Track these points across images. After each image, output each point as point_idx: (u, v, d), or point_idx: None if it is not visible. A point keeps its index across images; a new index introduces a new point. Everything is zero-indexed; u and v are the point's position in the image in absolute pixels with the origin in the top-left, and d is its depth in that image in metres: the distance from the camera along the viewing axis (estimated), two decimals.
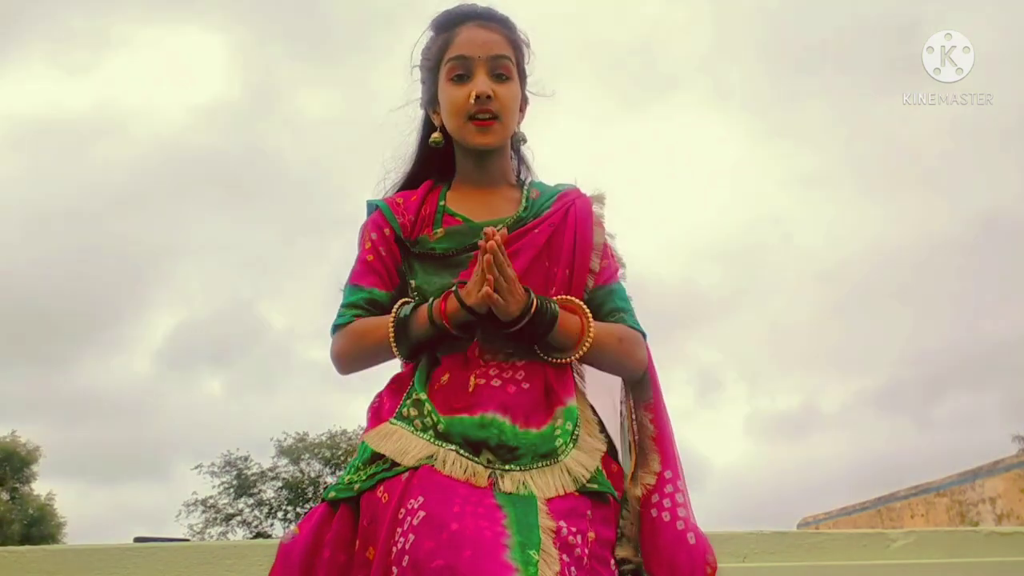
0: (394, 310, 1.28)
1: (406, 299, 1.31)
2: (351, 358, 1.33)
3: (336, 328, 1.34)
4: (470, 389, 1.24)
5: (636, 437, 1.33)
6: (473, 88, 1.34)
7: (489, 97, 1.34)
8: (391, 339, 1.26)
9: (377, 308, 1.33)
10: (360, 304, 1.33)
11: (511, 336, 1.24)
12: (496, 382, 1.25)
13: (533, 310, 1.22)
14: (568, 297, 1.29)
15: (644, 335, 1.36)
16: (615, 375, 1.37)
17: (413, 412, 1.23)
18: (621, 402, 1.37)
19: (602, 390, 1.40)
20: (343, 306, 1.34)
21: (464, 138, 1.38)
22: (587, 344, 1.26)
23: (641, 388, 1.36)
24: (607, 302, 1.35)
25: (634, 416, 1.35)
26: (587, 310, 1.28)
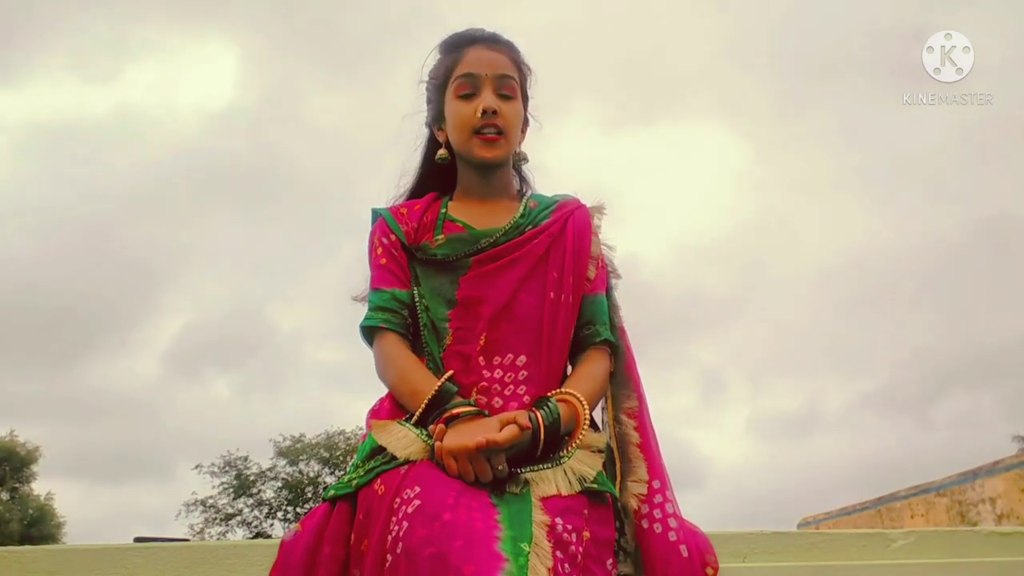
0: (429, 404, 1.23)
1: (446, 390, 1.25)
2: (386, 384, 1.35)
3: (366, 331, 1.37)
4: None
5: (619, 445, 1.34)
6: (480, 103, 1.39)
7: (495, 112, 1.39)
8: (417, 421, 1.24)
9: (401, 306, 1.36)
10: (385, 306, 1.36)
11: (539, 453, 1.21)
12: (498, 401, 1.28)
13: (542, 428, 1.18)
14: (561, 391, 1.27)
15: (613, 346, 1.38)
16: None
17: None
18: (602, 408, 1.38)
19: None
20: (370, 309, 1.37)
21: (470, 152, 1.42)
22: (583, 431, 1.23)
23: (624, 395, 1.37)
24: (585, 313, 1.38)
25: (615, 423, 1.35)
26: (580, 397, 1.25)
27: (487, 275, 1.34)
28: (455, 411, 1.19)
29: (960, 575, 1.89)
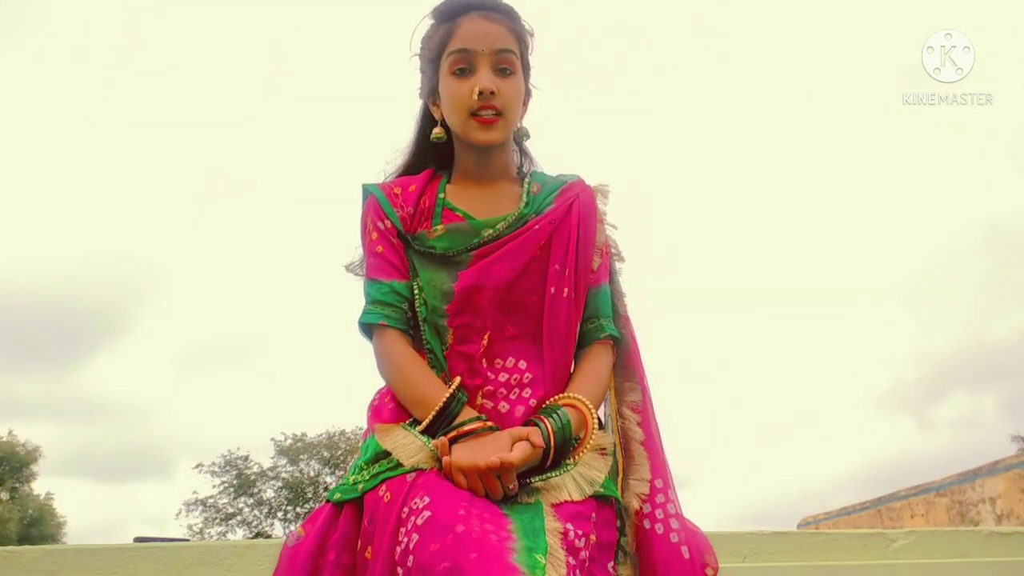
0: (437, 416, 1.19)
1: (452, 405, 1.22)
2: (388, 384, 1.31)
3: (366, 327, 1.31)
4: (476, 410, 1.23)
5: (622, 440, 1.31)
6: (476, 83, 1.30)
7: (492, 93, 1.30)
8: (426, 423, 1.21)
9: (401, 299, 1.30)
10: (385, 300, 1.29)
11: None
12: (504, 405, 1.24)
13: (552, 440, 1.16)
14: (566, 395, 1.24)
15: (616, 340, 1.34)
16: None
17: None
18: (605, 402, 1.34)
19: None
20: (369, 303, 1.31)
21: (467, 134, 1.34)
22: (591, 436, 1.21)
23: (627, 387, 1.34)
24: (588, 307, 1.33)
25: (617, 416, 1.33)
26: (586, 402, 1.22)
27: (487, 271, 1.28)
28: (466, 428, 1.16)
29: (960, 575, 1.89)
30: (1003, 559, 1.94)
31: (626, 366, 1.35)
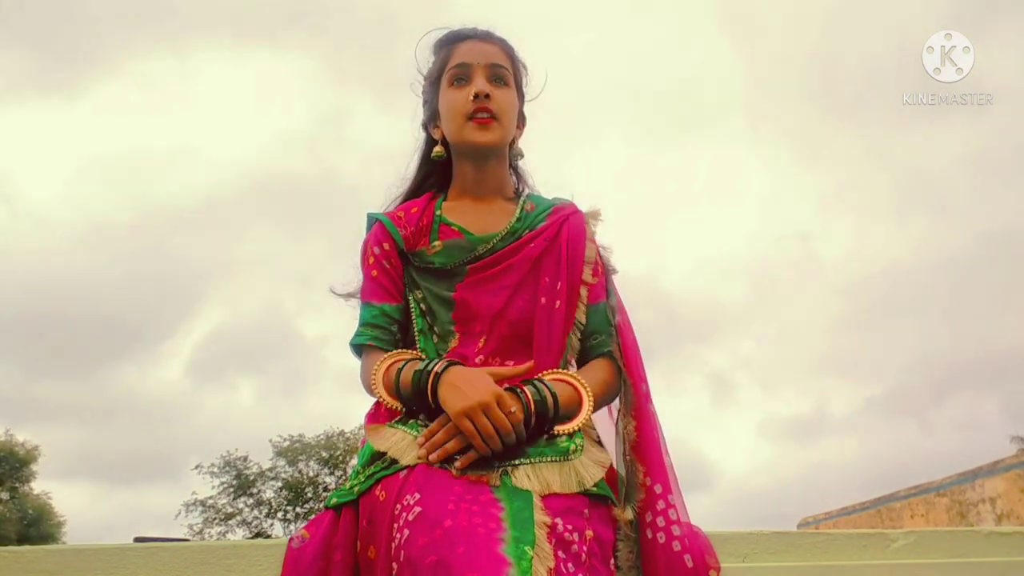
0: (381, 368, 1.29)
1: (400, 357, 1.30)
2: (374, 393, 1.34)
3: (354, 347, 1.37)
4: None
5: (623, 447, 1.33)
6: (472, 88, 1.38)
7: (487, 96, 1.37)
8: (389, 401, 1.28)
9: (390, 322, 1.35)
10: (373, 322, 1.35)
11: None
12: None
13: (533, 410, 1.20)
14: (558, 371, 1.29)
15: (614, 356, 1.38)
16: None
17: (419, 421, 1.24)
18: (618, 412, 1.38)
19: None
20: (360, 325, 1.37)
21: (464, 138, 1.39)
22: (587, 414, 1.25)
23: (626, 395, 1.37)
24: (590, 324, 1.38)
25: (622, 425, 1.35)
26: (581, 380, 1.27)
27: (483, 281, 1.34)
28: (436, 368, 1.20)
29: (960, 575, 1.89)
30: (1003, 559, 1.94)
31: (624, 374, 1.38)
